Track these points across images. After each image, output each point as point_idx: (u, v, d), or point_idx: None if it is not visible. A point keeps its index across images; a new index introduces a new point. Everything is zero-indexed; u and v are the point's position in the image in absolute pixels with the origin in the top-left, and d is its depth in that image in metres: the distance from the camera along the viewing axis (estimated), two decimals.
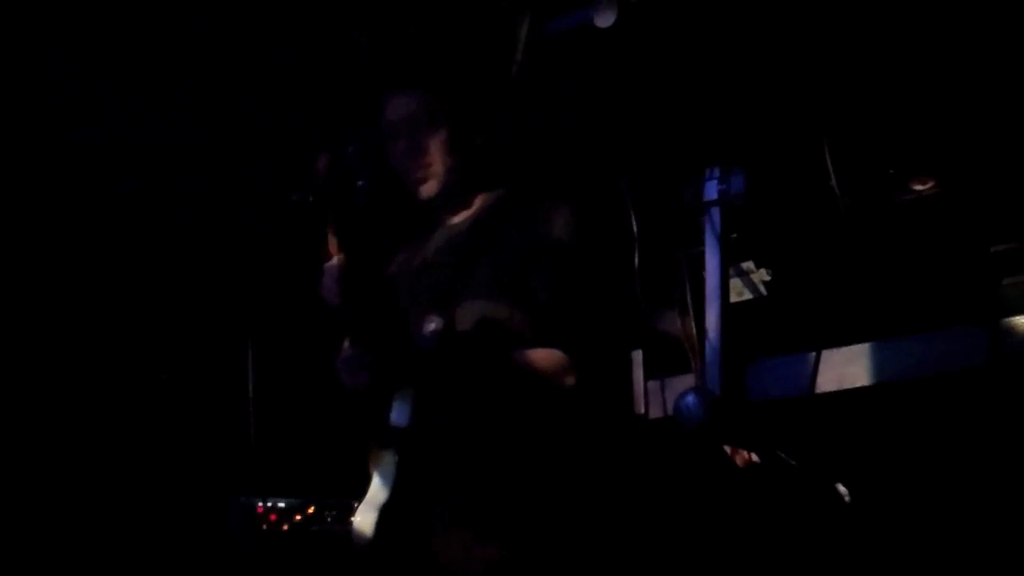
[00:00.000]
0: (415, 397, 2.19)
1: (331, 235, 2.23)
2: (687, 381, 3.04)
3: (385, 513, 2.18)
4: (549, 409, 2.22)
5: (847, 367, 2.81)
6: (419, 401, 2.19)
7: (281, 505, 3.35)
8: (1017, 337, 2.53)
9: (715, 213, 3.00)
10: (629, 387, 3.23)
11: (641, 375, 3.22)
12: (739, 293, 3.09)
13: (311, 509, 3.37)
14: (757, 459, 2.93)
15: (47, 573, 3.33)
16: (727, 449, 2.95)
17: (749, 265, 3.09)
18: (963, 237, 2.71)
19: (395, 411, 2.19)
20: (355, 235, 2.24)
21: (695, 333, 3.06)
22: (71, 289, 3.57)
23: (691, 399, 2.78)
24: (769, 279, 3.08)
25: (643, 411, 3.21)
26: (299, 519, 3.37)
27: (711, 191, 3.00)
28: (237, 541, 3.32)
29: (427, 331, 2.20)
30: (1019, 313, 2.55)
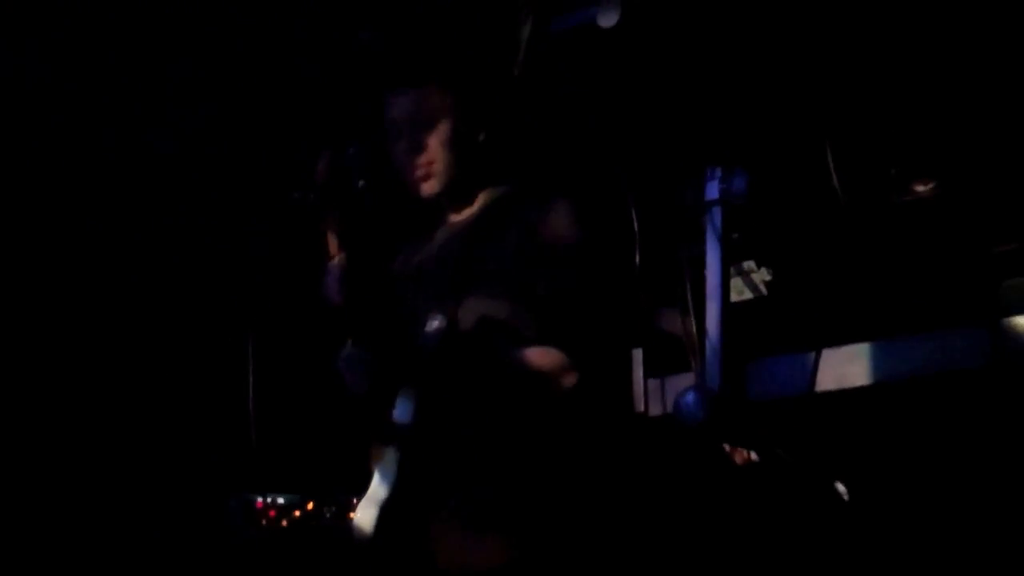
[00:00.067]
0: (418, 395, 2.20)
1: (331, 235, 2.24)
2: (687, 380, 3.03)
3: (386, 510, 2.18)
4: (549, 407, 2.22)
5: (847, 367, 2.81)
6: (422, 399, 2.19)
7: (280, 501, 3.35)
8: (1017, 338, 2.52)
9: (716, 212, 2.99)
10: (629, 385, 3.23)
11: (641, 373, 3.22)
12: (740, 292, 3.09)
13: (310, 505, 3.38)
14: (756, 458, 2.93)
15: (47, 571, 3.33)
16: (726, 448, 2.96)
17: (750, 265, 3.09)
18: (964, 238, 2.71)
19: (398, 409, 2.19)
20: (356, 234, 2.24)
21: (695, 332, 3.06)
22: (71, 288, 3.57)
23: (691, 398, 2.78)
24: (770, 279, 3.08)
25: (643, 409, 3.21)
26: (298, 515, 3.37)
27: (712, 191, 3.00)
28: (236, 537, 3.32)
29: (430, 329, 2.20)
30: (1020, 314, 2.54)
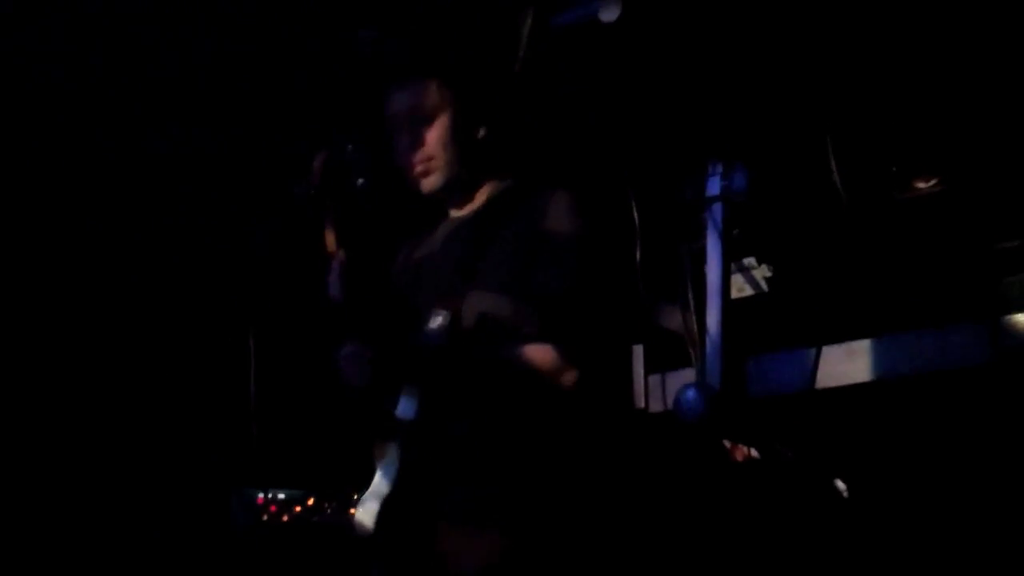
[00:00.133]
0: (421, 392, 2.20)
1: (329, 232, 2.24)
2: (687, 376, 3.04)
3: (387, 506, 2.18)
4: (550, 404, 2.22)
5: (847, 363, 2.82)
6: (424, 396, 2.19)
7: (281, 496, 3.35)
8: (1018, 334, 2.53)
9: (717, 209, 2.99)
10: (629, 381, 3.23)
11: (641, 369, 3.23)
12: (740, 289, 3.09)
13: (311, 501, 3.38)
14: (756, 454, 2.94)
15: (50, 563, 3.34)
16: (726, 444, 2.96)
17: (751, 261, 3.09)
18: (965, 234, 2.72)
19: (401, 405, 2.19)
20: (355, 232, 2.24)
21: (696, 328, 3.06)
22: (73, 285, 3.57)
23: (691, 394, 2.79)
24: (770, 275, 3.08)
25: (643, 405, 3.22)
26: (299, 510, 3.38)
27: (713, 187, 3.00)
28: (238, 532, 3.33)
29: (432, 325, 2.20)
30: (1020, 311, 2.55)
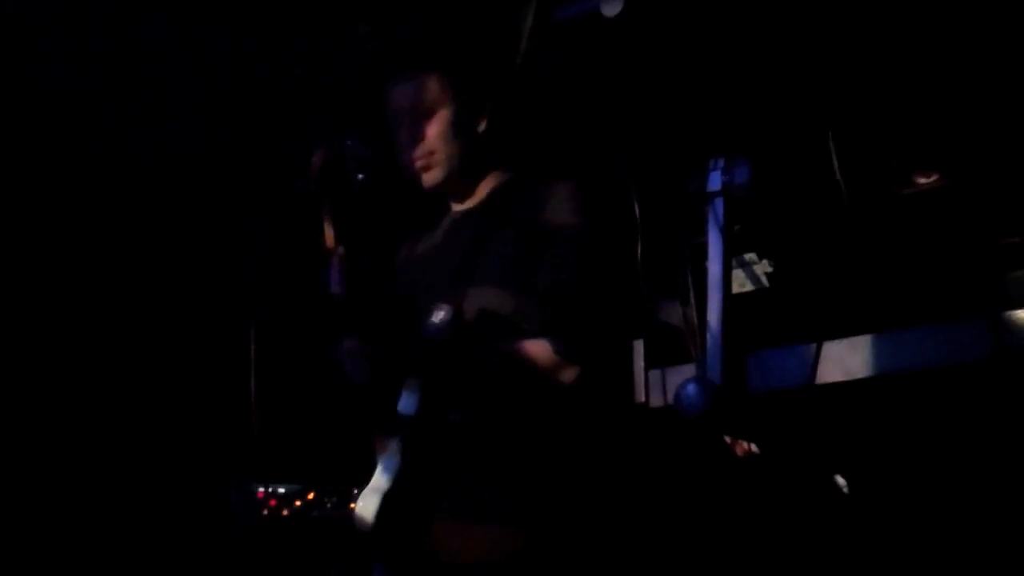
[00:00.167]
0: (423, 387, 2.19)
1: (327, 228, 2.23)
2: (688, 371, 3.04)
3: (388, 500, 2.18)
4: (551, 399, 2.22)
5: (848, 359, 2.82)
6: (426, 390, 2.19)
7: (281, 491, 3.34)
8: (1020, 330, 2.53)
9: (718, 204, 2.99)
10: (630, 376, 3.23)
11: (642, 364, 3.23)
12: (741, 284, 3.09)
13: (311, 495, 3.37)
14: (757, 449, 2.94)
15: (49, 557, 3.34)
16: (727, 439, 2.97)
17: (751, 256, 3.09)
18: (967, 230, 2.72)
19: (404, 400, 2.19)
20: (355, 228, 2.24)
21: (697, 323, 3.06)
22: (73, 278, 3.56)
23: (692, 389, 2.79)
24: (771, 270, 3.08)
25: (643, 400, 3.22)
26: (299, 505, 3.37)
27: (715, 182, 3.00)
28: (237, 526, 3.32)
29: (435, 320, 2.19)
30: (1022, 306, 2.55)
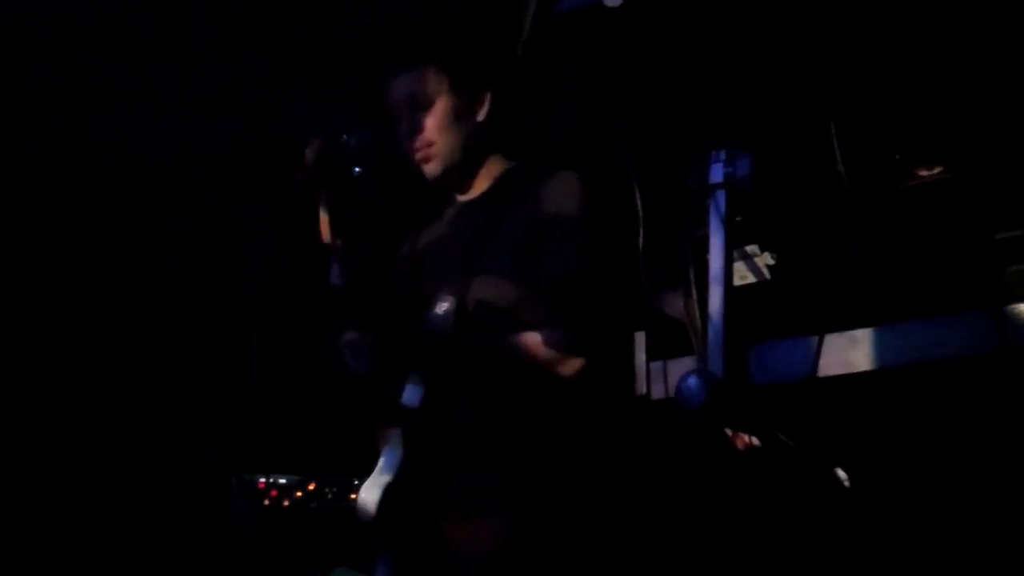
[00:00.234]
0: (426, 379, 2.19)
1: (323, 222, 2.23)
2: (689, 363, 3.03)
3: (389, 492, 2.18)
4: (553, 391, 2.22)
5: (850, 352, 2.81)
6: (430, 383, 2.19)
7: (282, 482, 3.36)
8: (1021, 324, 2.52)
9: (720, 196, 2.97)
10: (631, 368, 3.22)
11: (643, 356, 3.22)
12: (742, 276, 3.08)
13: (312, 486, 3.38)
14: (758, 442, 2.93)
15: (51, 551, 3.35)
16: (728, 432, 2.96)
17: (753, 248, 3.08)
18: (968, 223, 2.70)
19: (407, 393, 2.19)
20: (353, 221, 2.23)
21: (698, 315, 3.05)
22: (74, 275, 3.57)
23: (693, 381, 2.78)
24: (773, 263, 3.07)
25: (645, 392, 3.21)
26: (300, 496, 3.38)
27: (716, 174, 2.98)
28: (238, 517, 3.33)
29: (439, 311, 2.19)
30: None
